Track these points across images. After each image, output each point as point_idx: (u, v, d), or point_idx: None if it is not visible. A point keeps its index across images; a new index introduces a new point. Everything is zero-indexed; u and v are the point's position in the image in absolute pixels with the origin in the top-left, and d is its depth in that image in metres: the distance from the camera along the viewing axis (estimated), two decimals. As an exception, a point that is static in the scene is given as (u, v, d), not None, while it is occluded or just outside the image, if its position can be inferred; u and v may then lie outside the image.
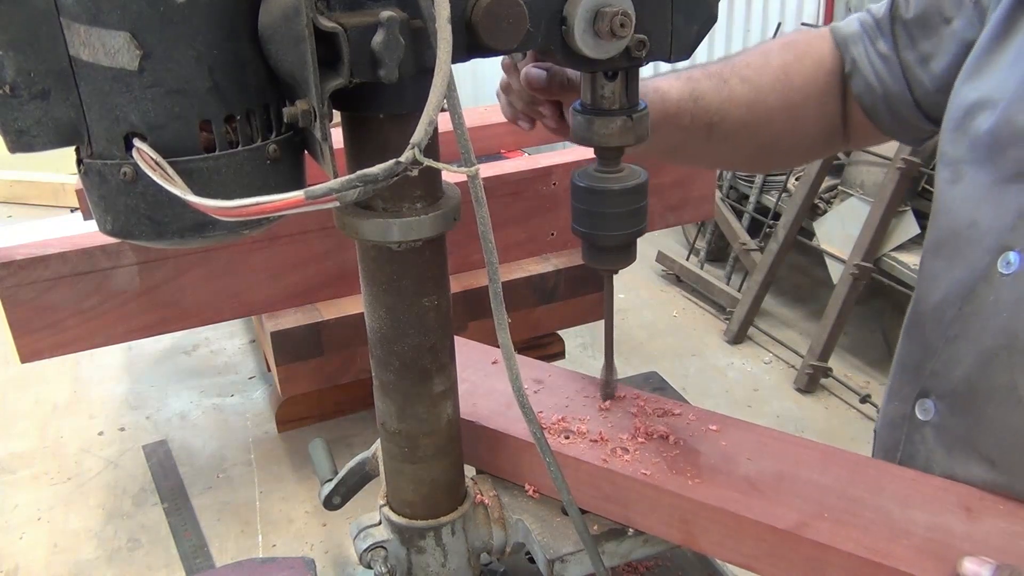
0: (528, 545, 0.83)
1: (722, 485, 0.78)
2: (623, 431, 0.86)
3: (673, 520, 0.78)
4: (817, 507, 0.75)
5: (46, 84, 0.57)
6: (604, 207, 0.76)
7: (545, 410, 0.89)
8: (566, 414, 0.88)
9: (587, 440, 0.84)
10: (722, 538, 0.76)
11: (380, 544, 0.81)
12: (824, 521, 0.73)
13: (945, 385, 0.86)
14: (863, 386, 3.41)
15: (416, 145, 0.53)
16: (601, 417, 0.88)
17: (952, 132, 0.86)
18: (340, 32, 0.55)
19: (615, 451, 0.83)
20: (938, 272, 0.87)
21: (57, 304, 1.18)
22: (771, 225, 3.84)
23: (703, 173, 1.55)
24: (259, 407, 1.55)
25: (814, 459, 0.82)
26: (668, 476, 0.79)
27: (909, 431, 0.90)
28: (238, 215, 0.55)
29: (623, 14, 0.64)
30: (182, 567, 1.19)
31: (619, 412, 0.89)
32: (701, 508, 0.76)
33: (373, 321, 0.74)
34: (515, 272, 1.42)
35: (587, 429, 0.86)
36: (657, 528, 0.80)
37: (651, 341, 3.68)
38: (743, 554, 0.76)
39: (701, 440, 0.84)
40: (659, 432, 0.85)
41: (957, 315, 0.83)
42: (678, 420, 0.88)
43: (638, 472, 0.79)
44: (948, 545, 0.70)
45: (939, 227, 0.88)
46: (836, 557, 0.71)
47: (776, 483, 0.78)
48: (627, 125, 0.73)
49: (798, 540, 0.72)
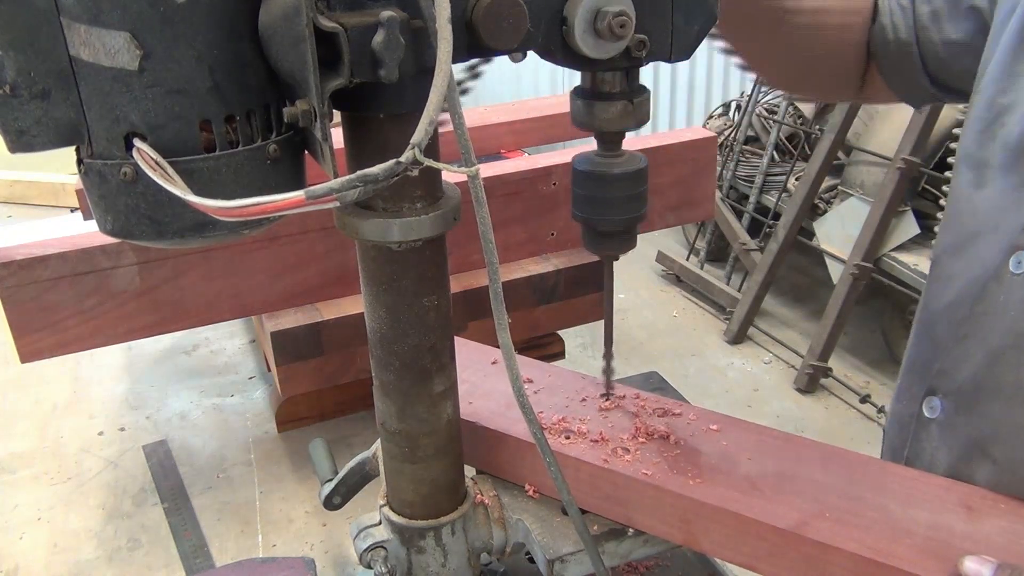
0: (528, 545, 0.83)
1: (723, 485, 0.78)
2: (623, 431, 0.86)
3: (674, 520, 0.78)
4: (818, 506, 0.75)
5: (46, 84, 0.57)
6: (605, 192, 0.76)
7: (545, 410, 0.89)
8: (566, 414, 0.88)
9: (588, 440, 0.84)
10: (723, 538, 0.76)
11: (380, 544, 0.81)
12: (825, 520, 0.73)
13: (952, 384, 0.86)
14: (863, 386, 3.41)
15: (416, 145, 0.53)
16: (601, 417, 0.88)
17: (979, 133, 0.86)
18: (340, 32, 0.55)
19: (616, 451, 0.83)
20: (954, 273, 0.87)
21: (57, 304, 1.18)
22: (771, 225, 3.83)
23: (703, 173, 1.55)
24: (259, 407, 1.55)
25: (814, 458, 0.82)
26: (669, 476, 0.79)
27: (916, 429, 0.91)
28: (238, 215, 0.55)
29: (623, 14, 0.64)
30: (182, 567, 1.19)
31: (619, 412, 0.89)
32: (702, 508, 0.76)
33: (373, 321, 0.74)
34: (515, 272, 1.42)
35: (587, 429, 0.86)
36: (658, 528, 0.80)
37: (651, 341, 3.68)
38: (744, 554, 0.76)
39: (702, 440, 0.84)
40: (659, 432, 0.85)
41: (968, 315, 0.83)
42: (678, 420, 0.88)
43: (639, 472, 0.79)
44: (949, 544, 0.70)
45: (958, 229, 0.88)
46: (837, 556, 0.71)
47: (777, 482, 0.78)
48: (628, 109, 0.72)
49: (799, 539, 0.72)
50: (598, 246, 0.80)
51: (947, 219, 0.91)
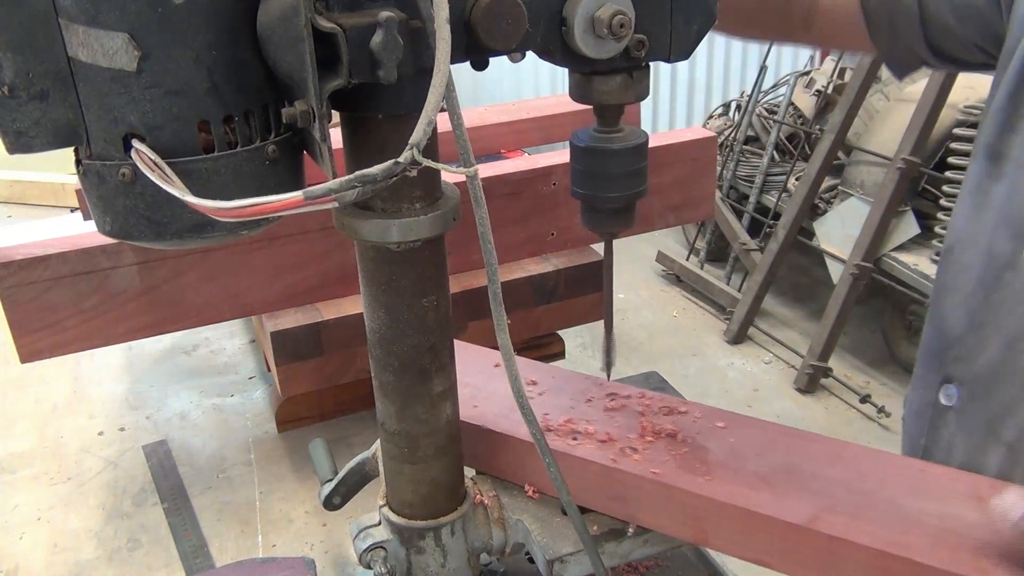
0: (528, 545, 0.83)
1: (733, 481, 0.78)
2: (630, 431, 0.85)
3: (685, 518, 0.78)
4: (829, 501, 0.75)
5: (45, 85, 0.57)
6: (604, 168, 0.75)
7: (551, 411, 0.89)
8: (572, 415, 0.88)
9: (595, 440, 0.84)
10: (735, 534, 0.76)
11: (380, 544, 0.81)
12: (837, 515, 0.73)
13: (968, 371, 0.86)
14: (863, 386, 3.41)
15: (415, 145, 0.53)
16: (608, 417, 0.88)
17: (1000, 126, 0.85)
18: (339, 32, 0.55)
19: (624, 451, 0.82)
20: (969, 262, 0.87)
21: (57, 304, 1.18)
22: (771, 225, 3.83)
23: (703, 173, 1.54)
24: (259, 407, 1.55)
25: (822, 454, 0.81)
26: (678, 474, 0.79)
27: (933, 418, 0.91)
28: (237, 216, 0.55)
29: (622, 14, 0.64)
30: (182, 567, 1.19)
31: (625, 412, 0.89)
32: (713, 505, 0.76)
33: (372, 321, 0.74)
34: (515, 272, 1.42)
35: (594, 430, 0.85)
36: (669, 527, 0.80)
37: (651, 341, 3.68)
38: (756, 550, 0.75)
39: (709, 437, 0.84)
40: (667, 431, 0.85)
41: (983, 303, 0.84)
42: (684, 418, 0.88)
43: (648, 471, 0.79)
44: (962, 534, 0.70)
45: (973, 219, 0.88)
46: (850, 550, 0.70)
47: (786, 478, 0.78)
48: (627, 82, 0.72)
49: (812, 534, 0.72)
50: (597, 224, 0.79)
51: (961, 209, 0.90)
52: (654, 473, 0.79)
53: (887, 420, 3.19)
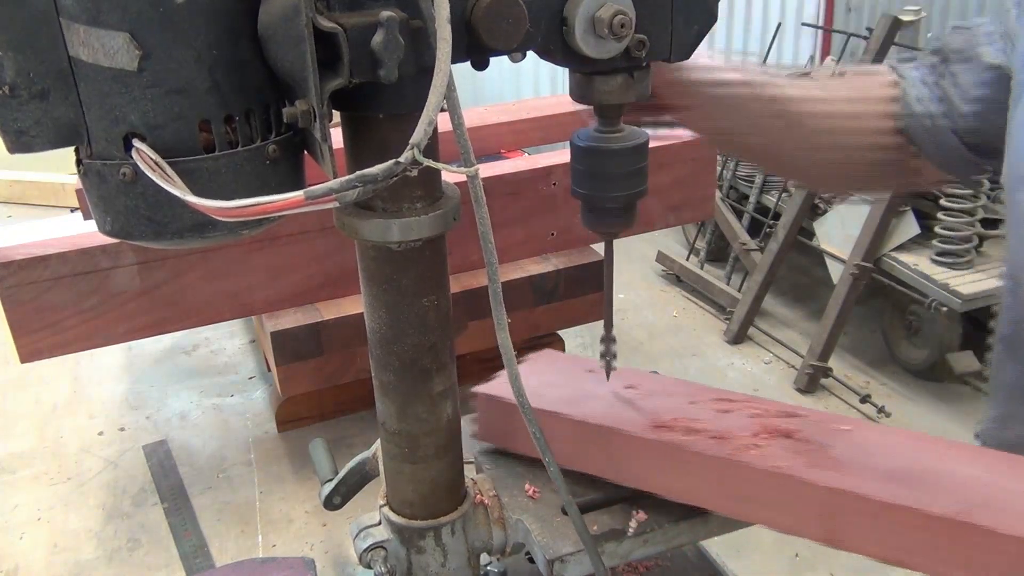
0: (528, 545, 0.83)
1: (867, 477, 0.72)
2: (746, 430, 0.80)
3: (814, 515, 0.72)
4: (972, 495, 0.69)
5: (45, 84, 0.57)
6: (604, 167, 0.75)
7: (660, 411, 0.84)
8: (683, 415, 0.83)
9: (711, 437, 0.78)
10: (870, 531, 0.70)
11: (380, 544, 0.81)
12: (984, 508, 0.67)
13: None
14: (863, 386, 3.41)
15: (415, 145, 0.53)
16: (719, 417, 0.82)
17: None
18: (340, 32, 0.55)
19: (744, 447, 0.76)
20: None
21: (57, 304, 1.18)
22: (771, 225, 3.83)
23: (703, 173, 1.55)
24: (259, 407, 1.55)
25: (959, 455, 0.76)
26: (807, 468, 0.73)
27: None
28: (238, 215, 0.55)
29: (623, 14, 0.64)
30: (182, 567, 1.19)
31: (735, 414, 0.83)
32: (847, 499, 0.70)
33: (373, 321, 0.74)
34: (515, 272, 1.42)
35: (708, 428, 0.80)
36: (795, 526, 0.74)
37: (651, 341, 3.68)
38: (896, 547, 0.70)
39: (832, 437, 0.78)
40: (786, 430, 0.79)
41: None
42: (802, 421, 0.82)
43: (775, 464, 0.73)
44: None
45: None
46: (1003, 543, 0.65)
47: (922, 475, 0.72)
48: (628, 82, 0.71)
49: (960, 527, 0.66)
50: (598, 224, 0.79)
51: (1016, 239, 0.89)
52: (781, 467, 0.73)
53: (887, 420, 3.19)
